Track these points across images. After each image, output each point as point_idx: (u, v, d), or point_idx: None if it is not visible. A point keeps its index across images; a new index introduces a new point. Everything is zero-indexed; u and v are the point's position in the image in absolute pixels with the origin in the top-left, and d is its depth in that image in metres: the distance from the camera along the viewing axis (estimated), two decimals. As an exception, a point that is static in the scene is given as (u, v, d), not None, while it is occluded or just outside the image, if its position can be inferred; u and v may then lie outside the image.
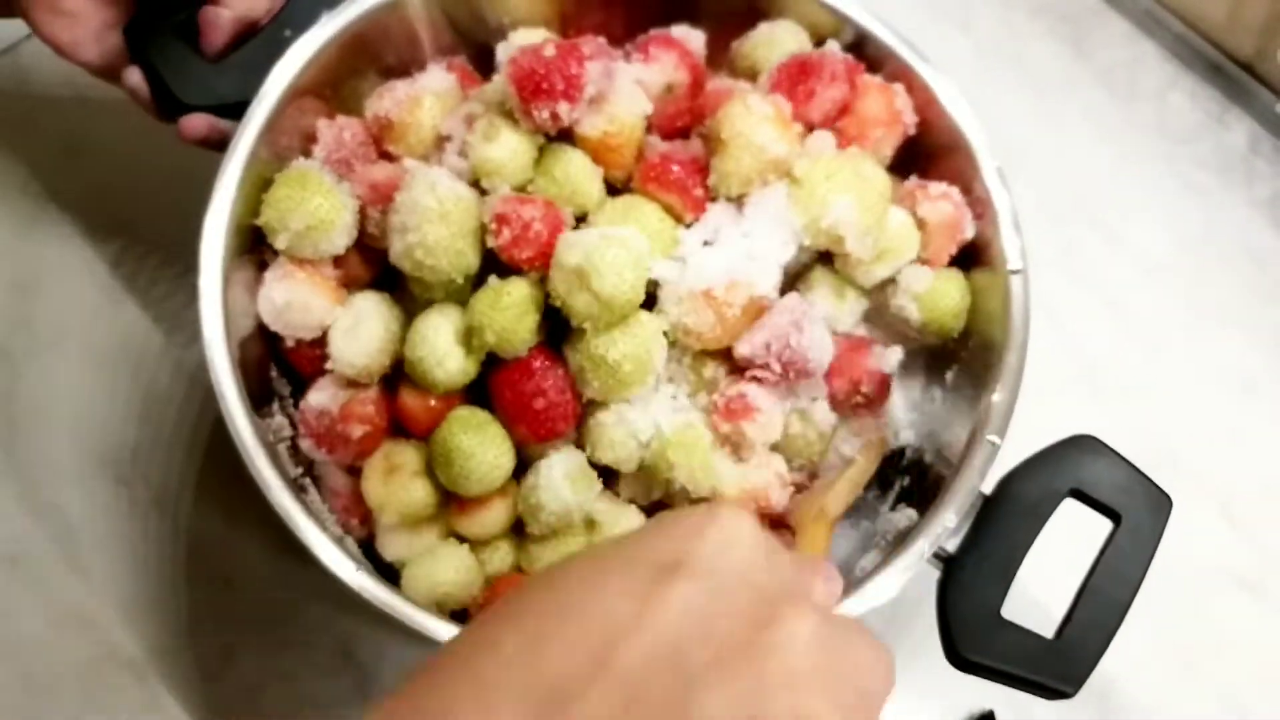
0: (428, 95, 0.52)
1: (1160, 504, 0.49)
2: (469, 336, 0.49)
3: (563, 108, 0.48)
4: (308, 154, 0.53)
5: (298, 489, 0.48)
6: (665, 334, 0.49)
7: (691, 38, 0.54)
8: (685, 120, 0.54)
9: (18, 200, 0.69)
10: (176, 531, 0.61)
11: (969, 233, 0.54)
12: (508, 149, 0.49)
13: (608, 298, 0.46)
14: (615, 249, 0.46)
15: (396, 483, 0.51)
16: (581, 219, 0.51)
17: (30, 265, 0.67)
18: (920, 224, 0.54)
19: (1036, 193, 0.58)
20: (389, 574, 0.51)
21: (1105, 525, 0.49)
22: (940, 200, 0.53)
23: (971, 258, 0.55)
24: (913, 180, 0.55)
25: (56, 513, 0.62)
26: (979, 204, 0.54)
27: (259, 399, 0.51)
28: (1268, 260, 0.73)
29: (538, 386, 0.48)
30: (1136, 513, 0.49)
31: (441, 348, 0.49)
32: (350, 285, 0.53)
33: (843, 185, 0.50)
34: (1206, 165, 0.75)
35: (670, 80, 0.53)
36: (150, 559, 0.61)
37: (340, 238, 0.50)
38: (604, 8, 0.58)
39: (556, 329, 0.49)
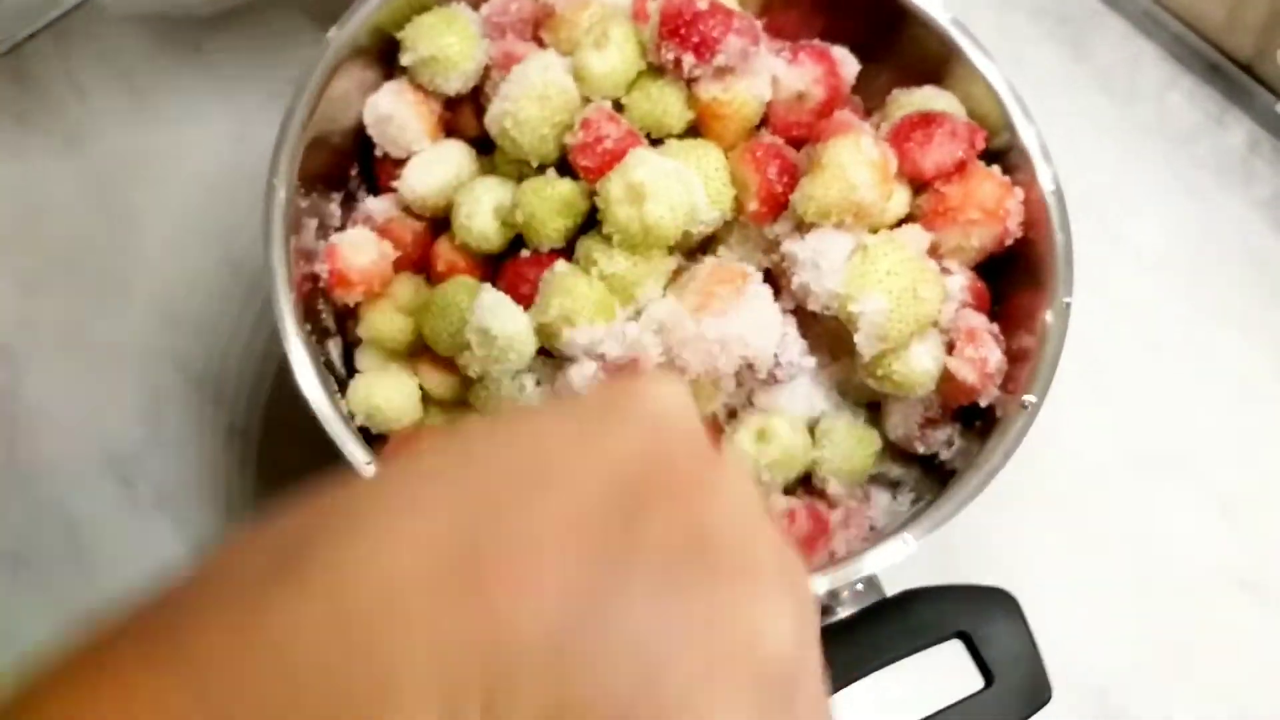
0: (597, 2, 0.55)
1: (1040, 690, 0.47)
2: (509, 212, 0.52)
3: (687, 59, 0.50)
4: (475, 7, 0.57)
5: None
6: None
7: (846, 61, 0.55)
8: (804, 134, 0.54)
9: (18, 199, 0.68)
10: (179, 531, 0.61)
11: (983, 402, 0.52)
12: (608, 65, 0.51)
13: (651, 223, 0.48)
14: (680, 187, 0.48)
15: (380, 306, 0.54)
16: (656, 144, 0.53)
17: (32, 264, 0.67)
18: (944, 371, 0.52)
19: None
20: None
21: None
22: (971, 364, 0.51)
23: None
24: (978, 320, 0.53)
25: (60, 512, 0.61)
26: (1026, 350, 0.52)
27: (328, 180, 0.56)
28: (1267, 260, 0.71)
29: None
30: (1012, 685, 0.47)
31: (480, 207, 0.52)
32: (453, 133, 0.57)
33: (892, 289, 0.48)
34: (1205, 165, 0.73)
35: (805, 90, 0.54)
36: (153, 559, 0.60)
37: (455, 81, 0.54)
38: (809, 10, 0.59)
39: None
